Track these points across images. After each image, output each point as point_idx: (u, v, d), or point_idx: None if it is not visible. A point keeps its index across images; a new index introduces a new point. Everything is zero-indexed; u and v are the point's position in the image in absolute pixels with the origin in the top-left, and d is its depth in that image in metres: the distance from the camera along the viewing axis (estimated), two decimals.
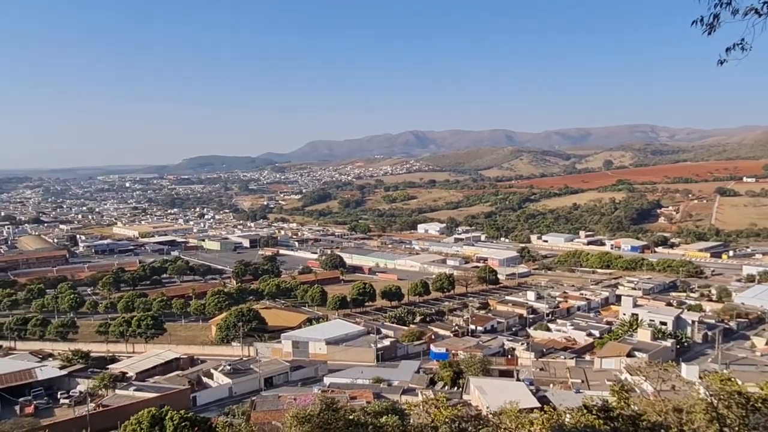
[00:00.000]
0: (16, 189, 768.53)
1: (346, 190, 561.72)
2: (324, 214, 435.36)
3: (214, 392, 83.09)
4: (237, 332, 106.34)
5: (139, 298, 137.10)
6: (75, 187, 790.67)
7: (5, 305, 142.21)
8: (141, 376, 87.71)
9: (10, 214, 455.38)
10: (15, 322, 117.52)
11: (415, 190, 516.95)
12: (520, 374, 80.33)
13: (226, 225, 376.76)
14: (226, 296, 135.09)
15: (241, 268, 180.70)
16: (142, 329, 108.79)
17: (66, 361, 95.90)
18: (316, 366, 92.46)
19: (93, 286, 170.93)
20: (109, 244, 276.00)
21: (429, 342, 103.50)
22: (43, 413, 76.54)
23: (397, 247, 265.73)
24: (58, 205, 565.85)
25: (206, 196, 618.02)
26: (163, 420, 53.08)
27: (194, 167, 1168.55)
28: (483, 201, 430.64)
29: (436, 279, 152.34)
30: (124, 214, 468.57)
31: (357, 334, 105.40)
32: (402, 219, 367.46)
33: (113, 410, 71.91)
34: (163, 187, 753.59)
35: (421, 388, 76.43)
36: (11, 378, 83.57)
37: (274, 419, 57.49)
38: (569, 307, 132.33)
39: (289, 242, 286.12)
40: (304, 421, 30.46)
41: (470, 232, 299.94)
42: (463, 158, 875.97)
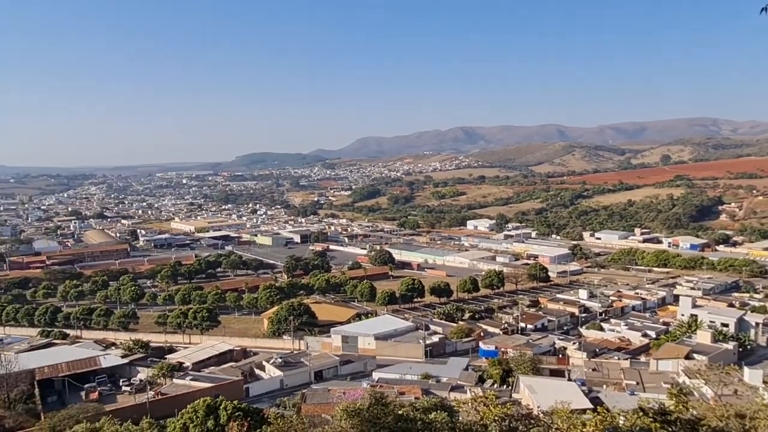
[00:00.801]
0: (82, 186, 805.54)
1: (395, 186, 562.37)
2: (373, 210, 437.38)
3: (265, 384, 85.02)
4: (288, 326, 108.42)
5: (195, 291, 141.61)
6: (135, 183, 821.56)
7: (72, 296, 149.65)
8: (197, 367, 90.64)
9: (77, 210, 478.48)
10: (81, 312, 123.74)
11: (465, 186, 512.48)
12: (571, 374, 78.69)
13: (277, 221, 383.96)
14: (277, 290, 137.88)
15: (292, 263, 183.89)
16: (197, 321, 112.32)
17: (127, 350, 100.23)
18: (365, 361, 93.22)
19: (152, 279, 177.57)
20: (167, 239, 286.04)
21: (478, 339, 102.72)
22: (107, 399, 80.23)
23: (446, 243, 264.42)
24: (120, 201, 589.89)
25: (259, 193, 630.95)
26: (217, 409, 54.73)
27: (247, 164, 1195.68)
28: (533, 197, 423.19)
29: (486, 276, 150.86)
30: (181, 209, 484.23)
31: (405, 330, 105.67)
32: (451, 215, 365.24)
33: (171, 398, 74.69)
34: (217, 183, 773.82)
35: (470, 385, 75.98)
36: (78, 365, 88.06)
37: (324, 412, 58.44)
38: (623, 307, 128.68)
39: (339, 238, 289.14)
40: (354, 414, 30.93)
41: (520, 228, 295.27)
42: (513, 154, 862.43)
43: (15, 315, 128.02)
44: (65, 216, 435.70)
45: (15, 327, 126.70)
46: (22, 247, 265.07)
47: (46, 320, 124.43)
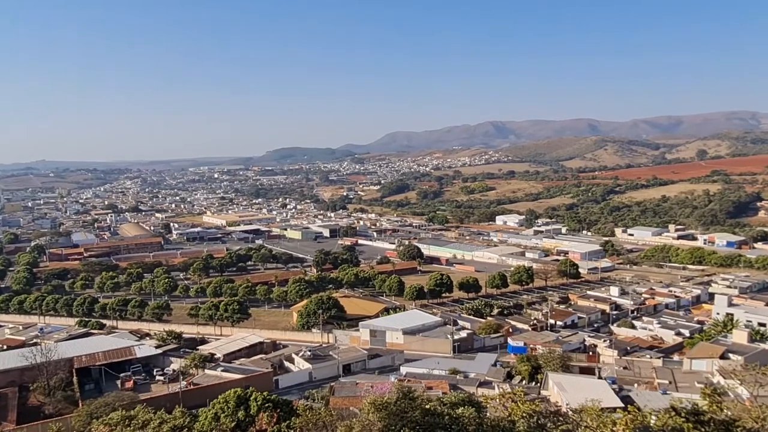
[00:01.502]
0: (118, 180, 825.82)
1: (424, 181, 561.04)
2: (402, 204, 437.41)
3: (295, 376, 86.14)
4: (317, 319, 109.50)
5: (226, 284, 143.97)
6: (169, 178, 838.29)
7: (108, 287, 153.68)
8: (228, 358, 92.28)
9: (113, 203, 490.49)
10: (117, 303, 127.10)
11: (494, 182, 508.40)
12: (601, 372, 77.68)
13: (307, 215, 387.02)
14: (306, 284, 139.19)
15: (322, 257, 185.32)
16: (228, 313, 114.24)
17: (161, 340, 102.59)
18: (393, 355, 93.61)
19: (185, 272, 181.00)
20: (199, 232, 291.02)
21: (506, 335, 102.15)
22: (141, 388, 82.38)
23: (474, 238, 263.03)
24: (154, 194, 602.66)
25: (289, 187, 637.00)
26: (247, 400, 55.68)
27: (277, 159, 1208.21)
28: (564, 193, 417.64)
29: (515, 271, 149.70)
30: (213, 203, 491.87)
31: (434, 325, 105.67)
32: (480, 210, 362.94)
33: (203, 389, 76.29)
34: (248, 178, 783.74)
35: (498, 381, 75.70)
36: (114, 354, 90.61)
37: (352, 405, 59.00)
38: (656, 305, 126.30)
39: (368, 232, 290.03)
40: (382, 408, 31.21)
41: (550, 224, 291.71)
42: (544, 149, 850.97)
43: (54, 305, 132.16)
44: (102, 209, 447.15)
45: (54, 317, 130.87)
46: (61, 239, 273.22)
47: (84, 310, 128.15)
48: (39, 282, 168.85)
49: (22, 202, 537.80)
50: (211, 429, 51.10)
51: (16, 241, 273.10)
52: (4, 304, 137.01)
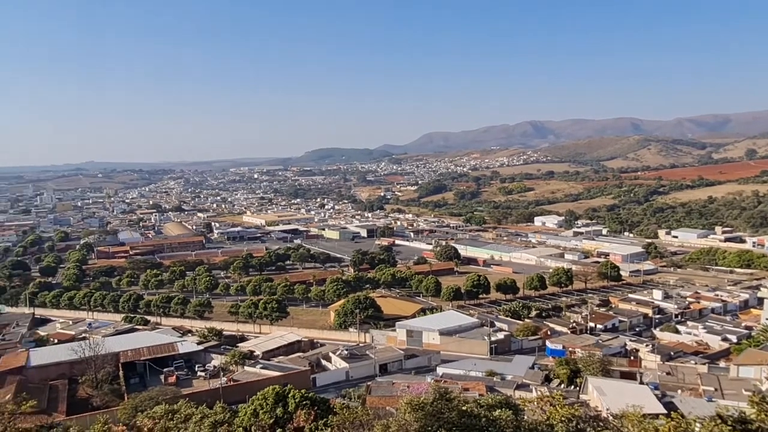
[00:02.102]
0: (162, 180, 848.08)
1: (462, 182, 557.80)
2: (439, 205, 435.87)
3: (332, 375, 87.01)
4: (354, 319, 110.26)
5: (265, 283, 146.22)
6: (210, 178, 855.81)
7: (153, 284, 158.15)
8: (267, 356, 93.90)
9: (157, 203, 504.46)
10: (160, 300, 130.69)
11: (533, 182, 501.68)
12: (643, 377, 75.96)
13: (344, 215, 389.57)
14: (344, 284, 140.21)
15: (359, 257, 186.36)
16: (267, 312, 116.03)
17: (202, 337, 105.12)
18: (430, 355, 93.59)
19: (225, 270, 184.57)
20: (239, 232, 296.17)
21: (545, 338, 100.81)
22: (183, 383, 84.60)
23: (512, 239, 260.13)
24: (196, 194, 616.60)
25: (326, 187, 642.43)
26: (286, 398, 56.60)
27: (315, 159, 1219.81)
28: (605, 193, 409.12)
29: (554, 273, 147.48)
30: (253, 203, 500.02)
31: (470, 326, 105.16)
32: (518, 211, 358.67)
33: (242, 385, 77.85)
34: (287, 178, 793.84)
35: (536, 384, 74.89)
36: (158, 350, 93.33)
37: (389, 405, 59.32)
38: (701, 309, 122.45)
39: (405, 233, 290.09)
40: (418, 408, 31.38)
41: (591, 225, 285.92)
42: (584, 148, 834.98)
43: (102, 301, 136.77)
44: (146, 209, 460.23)
45: (102, 312, 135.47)
46: (108, 237, 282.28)
47: (130, 307, 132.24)
48: (87, 279, 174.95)
49: (72, 201, 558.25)
50: (251, 425, 52.15)
51: (66, 239, 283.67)
52: (55, 300, 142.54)
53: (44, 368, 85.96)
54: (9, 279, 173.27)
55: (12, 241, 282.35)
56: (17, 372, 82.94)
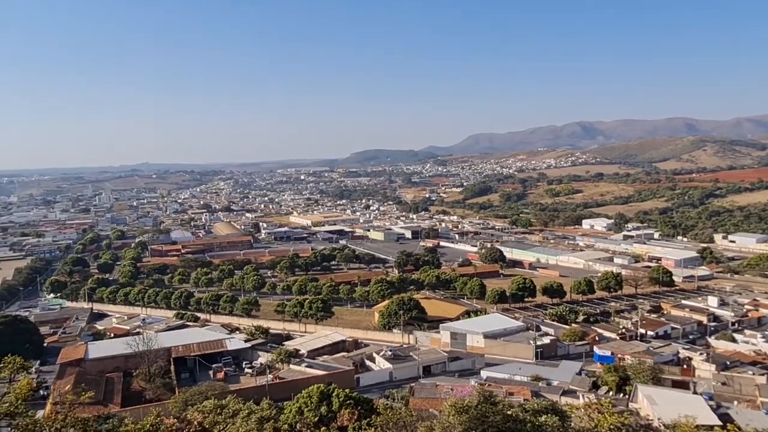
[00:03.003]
0: (212, 181, 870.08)
1: (507, 184, 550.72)
2: (484, 207, 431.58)
3: (375, 375, 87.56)
4: (398, 320, 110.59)
5: (311, 283, 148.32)
6: (259, 179, 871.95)
7: (203, 282, 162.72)
8: (312, 354, 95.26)
9: (207, 203, 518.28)
10: (210, 298, 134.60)
11: (581, 184, 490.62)
12: (697, 387, 73.42)
13: (389, 216, 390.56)
14: (388, 285, 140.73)
15: (403, 258, 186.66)
16: (313, 311, 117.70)
17: (249, 335, 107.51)
18: (474, 358, 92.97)
19: (272, 269, 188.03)
20: (286, 232, 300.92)
21: (592, 343, 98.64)
22: (231, 379, 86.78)
23: (559, 242, 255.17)
24: (244, 195, 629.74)
25: (372, 189, 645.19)
26: (330, 396, 57.42)
27: (361, 161, 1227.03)
28: (657, 196, 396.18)
29: (602, 277, 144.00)
30: (299, 204, 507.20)
31: (515, 330, 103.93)
32: (565, 214, 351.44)
33: (288, 383, 79.28)
34: (333, 179, 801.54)
35: (583, 390, 73.47)
36: (207, 346, 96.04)
37: (432, 407, 59.30)
38: (760, 317, 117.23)
39: (450, 234, 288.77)
40: (463, 411, 31.40)
41: (641, 229, 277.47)
42: (635, 149, 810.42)
43: (155, 298, 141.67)
44: (197, 209, 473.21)
45: (155, 309, 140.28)
46: (161, 236, 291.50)
47: (181, 304, 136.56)
48: (142, 276, 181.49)
49: (128, 201, 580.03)
50: (296, 422, 53.17)
51: (122, 237, 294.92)
52: (111, 296, 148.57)
53: (101, 361, 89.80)
54: (70, 275, 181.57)
55: (73, 239, 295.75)
56: (76, 364, 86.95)
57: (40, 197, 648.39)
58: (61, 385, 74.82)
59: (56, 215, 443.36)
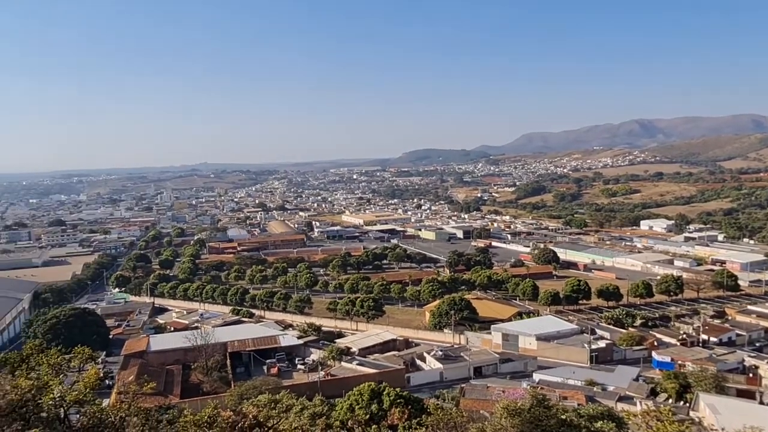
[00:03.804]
0: (267, 180, 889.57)
1: (562, 183, 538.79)
2: (537, 207, 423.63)
3: (426, 375, 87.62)
4: (449, 320, 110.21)
5: (363, 281, 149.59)
6: (312, 178, 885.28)
7: (257, 280, 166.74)
8: (363, 353, 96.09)
9: (263, 202, 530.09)
10: (264, 295, 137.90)
11: (639, 184, 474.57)
12: (763, 397, 69.96)
13: (441, 216, 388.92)
14: (439, 284, 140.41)
15: (455, 258, 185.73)
16: (364, 310, 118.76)
17: (302, 332, 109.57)
18: (526, 361, 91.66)
19: (324, 268, 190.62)
20: (338, 231, 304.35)
21: (650, 348, 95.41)
22: (285, 375, 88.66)
23: (616, 243, 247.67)
24: (298, 194, 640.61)
25: (423, 188, 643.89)
26: (380, 395, 57.91)
27: (413, 160, 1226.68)
28: (721, 196, 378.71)
29: (661, 280, 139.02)
30: (351, 203, 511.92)
31: (569, 333, 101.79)
32: (623, 214, 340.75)
33: (339, 380, 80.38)
34: (385, 179, 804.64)
35: (641, 397, 71.34)
36: (262, 342, 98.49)
37: (483, 408, 58.94)
38: None
39: (502, 234, 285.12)
40: (515, 414, 31.15)
41: (704, 230, 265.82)
42: (698, 148, 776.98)
43: (212, 294, 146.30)
44: (253, 207, 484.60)
45: (212, 304, 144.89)
46: (218, 234, 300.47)
47: (237, 300, 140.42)
48: (200, 272, 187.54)
49: (187, 200, 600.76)
50: (347, 419, 53.93)
51: (182, 235, 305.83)
52: (172, 291, 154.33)
53: (162, 353, 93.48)
54: (133, 270, 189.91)
55: (136, 236, 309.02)
56: (139, 356, 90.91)
57: (107, 196, 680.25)
58: (124, 375, 78.46)
59: (121, 213, 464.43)
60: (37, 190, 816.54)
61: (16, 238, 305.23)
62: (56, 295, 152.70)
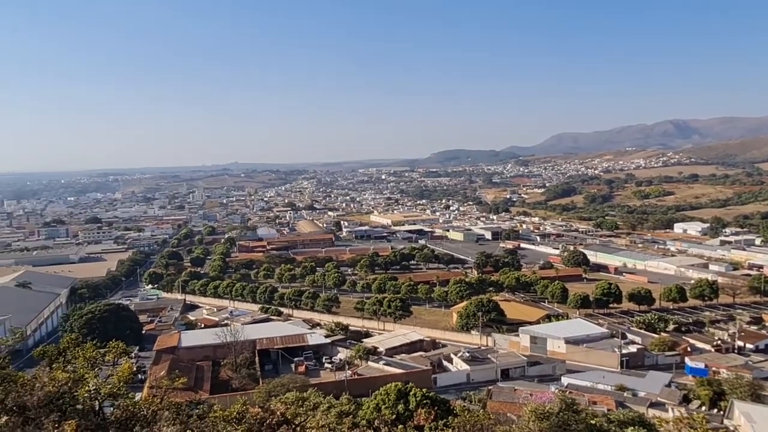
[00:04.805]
0: (296, 180, 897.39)
1: (593, 185, 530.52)
2: (567, 208, 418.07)
3: (452, 376, 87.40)
4: (476, 321, 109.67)
5: (390, 281, 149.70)
6: (341, 178, 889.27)
7: (286, 278, 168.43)
8: (389, 352, 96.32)
9: (292, 202, 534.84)
10: (293, 294, 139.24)
11: (673, 186, 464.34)
12: None
13: (469, 217, 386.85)
14: (467, 285, 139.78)
15: (483, 259, 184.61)
16: (391, 310, 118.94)
17: (330, 331, 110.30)
18: (554, 364, 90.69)
19: (352, 267, 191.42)
20: (367, 231, 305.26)
21: (684, 354, 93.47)
22: (312, 373, 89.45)
23: (648, 246, 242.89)
24: (327, 194, 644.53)
25: (452, 189, 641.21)
26: (407, 395, 57.90)
27: (441, 161, 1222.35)
28: (760, 198, 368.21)
29: (695, 285, 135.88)
30: (380, 203, 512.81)
31: (599, 336, 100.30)
32: (655, 217, 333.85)
33: (366, 379, 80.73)
34: (413, 179, 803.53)
35: (673, 404, 69.94)
36: (290, 340, 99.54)
37: (510, 411, 58.62)
38: None
39: (531, 236, 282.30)
40: (543, 417, 30.98)
41: (741, 234, 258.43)
42: (735, 149, 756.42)
43: (242, 292, 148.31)
44: (282, 207, 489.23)
45: (241, 302, 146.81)
46: (248, 233, 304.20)
47: (265, 298, 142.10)
48: (230, 270, 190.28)
49: (218, 199, 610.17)
50: (374, 419, 54.14)
51: (213, 233, 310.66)
52: (202, 288, 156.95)
53: (192, 349, 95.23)
54: (166, 267, 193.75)
55: (168, 234, 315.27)
56: (171, 351, 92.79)
57: (141, 194, 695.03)
58: (156, 370, 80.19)
59: (154, 211, 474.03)
60: (75, 189, 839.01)
61: (55, 235, 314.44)
62: (92, 290, 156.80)
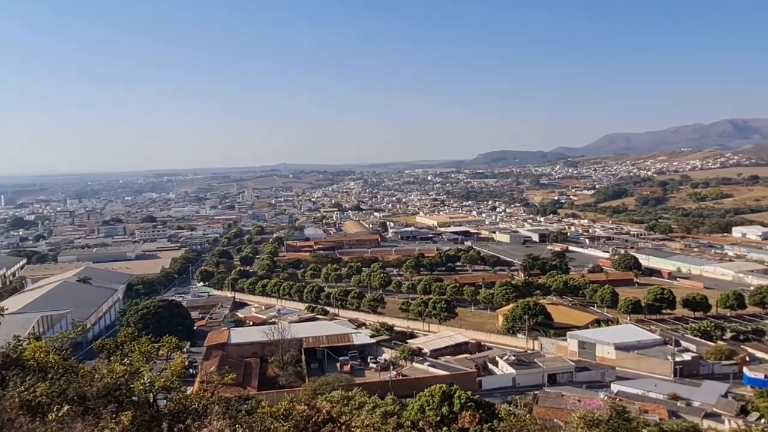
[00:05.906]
0: (343, 181, 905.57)
1: (645, 186, 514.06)
2: (618, 211, 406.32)
3: (498, 379, 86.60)
4: (522, 324, 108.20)
5: (435, 283, 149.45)
6: (387, 179, 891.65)
7: (332, 278, 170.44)
8: (434, 354, 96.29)
9: (338, 202, 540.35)
10: (339, 293, 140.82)
11: (731, 188, 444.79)
12: None
13: (516, 218, 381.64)
14: (513, 288, 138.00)
15: (529, 261, 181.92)
16: (436, 311, 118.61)
17: (375, 331, 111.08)
18: (603, 370, 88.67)
19: (398, 268, 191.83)
20: (412, 232, 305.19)
21: (742, 364, 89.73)
22: (357, 373, 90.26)
23: (704, 251, 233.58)
24: (373, 195, 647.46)
25: (498, 190, 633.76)
26: (451, 397, 57.87)
27: (488, 162, 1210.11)
28: None
29: (755, 291, 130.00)
30: (425, 204, 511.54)
31: (651, 343, 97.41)
32: (712, 220, 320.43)
33: (410, 380, 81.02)
34: (459, 180, 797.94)
35: (729, 415, 67.37)
36: (335, 339, 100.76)
37: (557, 417, 57.70)
38: None
39: (579, 239, 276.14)
40: (593, 425, 30.42)
41: None
42: None
43: (289, 291, 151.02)
44: (329, 207, 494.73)
45: (288, 301, 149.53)
46: (296, 233, 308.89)
47: (312, 297, 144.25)
48: (278, 269, 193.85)
49: (267, 199, 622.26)
50: (418, 420, 54.29)
51: (262, 233, 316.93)
52: (251, 287, 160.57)
53: (241, 346, 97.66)
54: (216, 266, 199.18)
55: (219, 233, 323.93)
56: (221, 347, 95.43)
57: (193, 194, 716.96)
58: (207, 365, 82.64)
59: (206, 211, 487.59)
60: (132, 189, 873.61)
61: (113, 233, 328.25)
62: (147, 287, 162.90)
